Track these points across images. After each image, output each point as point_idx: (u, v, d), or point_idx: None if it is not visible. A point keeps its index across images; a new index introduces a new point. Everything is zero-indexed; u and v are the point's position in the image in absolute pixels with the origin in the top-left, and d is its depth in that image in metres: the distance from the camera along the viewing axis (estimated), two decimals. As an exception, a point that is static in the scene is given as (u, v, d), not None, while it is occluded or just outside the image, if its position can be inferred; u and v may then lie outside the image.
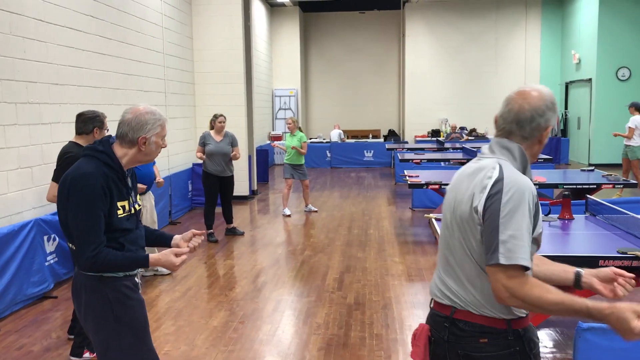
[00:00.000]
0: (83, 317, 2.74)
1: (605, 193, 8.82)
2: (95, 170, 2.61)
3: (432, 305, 2.17)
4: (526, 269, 1.84)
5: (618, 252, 3.82)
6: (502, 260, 1.82)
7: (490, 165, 1.98)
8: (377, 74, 20.95)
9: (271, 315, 5.17)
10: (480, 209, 1.91)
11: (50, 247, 5.94)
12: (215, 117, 8.15)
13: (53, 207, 6.11)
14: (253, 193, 12.21)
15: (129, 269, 2.68)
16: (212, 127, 8.19)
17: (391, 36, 20.80)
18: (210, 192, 8.15)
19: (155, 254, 2.68)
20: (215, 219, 8.33)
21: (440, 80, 19.60)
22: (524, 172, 1.99)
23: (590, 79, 16.66)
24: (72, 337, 4.58)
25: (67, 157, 4.45)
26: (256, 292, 5.82)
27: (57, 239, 6.03)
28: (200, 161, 8.34)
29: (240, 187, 10.96)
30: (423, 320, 4.85)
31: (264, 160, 14.06)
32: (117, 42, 7.95)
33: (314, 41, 21.00)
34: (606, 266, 3.79)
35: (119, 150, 2.72)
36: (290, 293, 5.80)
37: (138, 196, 2.87)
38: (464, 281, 2.00)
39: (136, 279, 2.86)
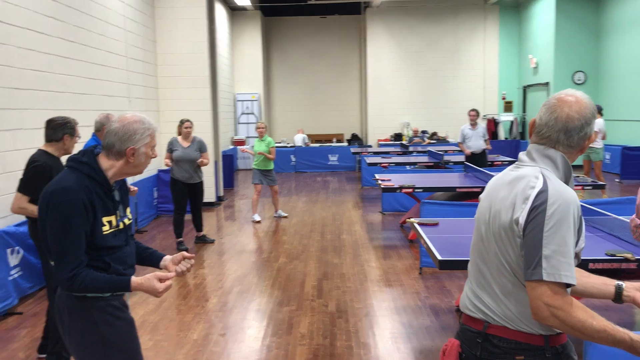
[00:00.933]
0: (68, 341, 2.55)
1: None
2: (76, 184, 2.42)
3: (462, 320, 2.06)
4: (569, 286, 1.76)
5: (607, 255, 3.84)
6: (545, 277, 1.73)
7: (532, 174, 1.88)
8: (339, 78, 20.96)
9: (253, 326, 5.01)
10: (521, 221, 1.81)
11: (14, 260, 5.63)
12: (182, 122, 7.93)
13: (16, 218, 5.80)
14: (219, 199, 11.98)
15: (110, 292, 2.49)
16: (179, 133, 7.96)
17: (352, 41, 20.85)
18: (178, 200, 7.91)
19: (137, 278, 2.50)
20: (184, 227, 8.10)
21: (401, 85, 19.74)
22: (566, 182, 1.91)
23: (547, 83, 17.07)
24: (44, 356, 4.33)
25: (33, 167, 4.20)
26: (234, 303, 5.65)
27: (21, 251, 5.72)
28: (167, 167, 8.10)
29: (207, 193, 10.66)
30: (408, 327, 4.74)
31: (229, 165, 13.83)
32: (79, 45, 7.65)
33: (276, 45, 20.86)
34: (596, 269, 3.81)
35: (105, 162, 2.53)
36: (270, 302, 5.65)
37: (128, 209, 2.69)
38: (499, 295, 1.91)
39: (124, 298, 2.68)
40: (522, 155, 2.01)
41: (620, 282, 2.03)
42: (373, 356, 4.35)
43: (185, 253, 2.73)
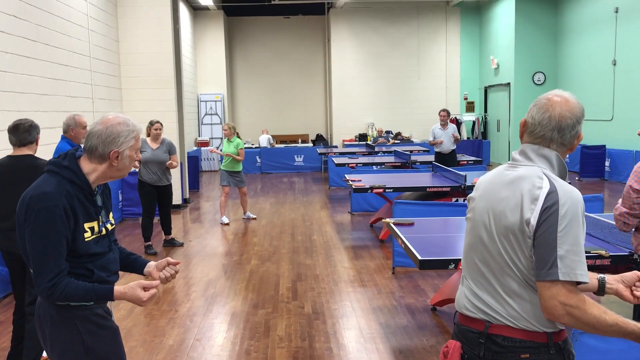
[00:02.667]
0: (50, 352, 2.45)
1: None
2: (57, 189, 2.31)
3: (457, 321, 2.06)
4: (579, 284, 1.80)
5: (581, 252, 3.92)
6: (562, 277, 1.75)
7: (534, 174, 1.90)
8: (304, 79, 20.95)
9: (229, 330, 4.95)
10: (533, 222, 1.82)
11: (-23, 268, 5.42)
12: (151, 123, 7.78)
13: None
14: (185, 201, 11.81)
15: (92, 301, 2.40)
16: (148, 134, 7.80)
17: (316, 41, 20.86)
18: (147, 202, 7.75)
19: (120, 287, 2.41)
20: (152, 230, 7.94)
21: (365, 85, 19.85)
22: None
23: (508, 84, 17.43)
24: (13, 366, 4.17)
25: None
26: (208, 306, 5.57)
27: (-16, 258, 5.51)
28: (134, 169, 7.92)
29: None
30: (385, 327, 4.76)
31: (194, 167, 13.65)
32: (42, 45, 7.43)
33: (239, 45, 20.70)
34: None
35: (86, 166, 2.43)
36: (244, 305, 5.59)
37: (111, 214, 2.60)
38: (502, 295, 1.92)
39: (108, 305, 2.60)
40: (516, 154, 2.02)
41: (602, 275, 2.08)
42: (353, 357, 4.35)
43: (169, 259, 2.65)
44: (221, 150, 9.73)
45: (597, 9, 14.58)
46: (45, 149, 7.06)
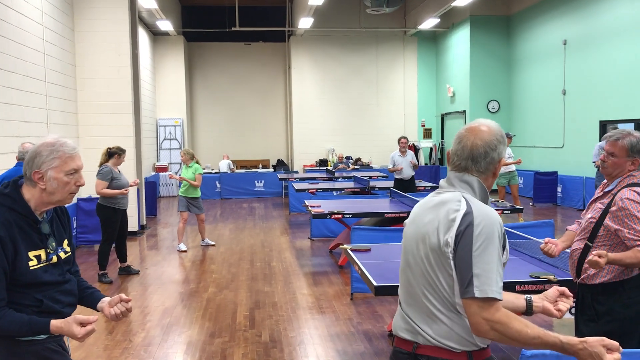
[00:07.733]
0: None
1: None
2: None
3: (394, 343, 2.14)
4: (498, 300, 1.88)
5: (531, 277, 4.03)
6: (477, 294, 1.84)
7: (454, 198, 2.01)
8: (264, 105, 21.02)
9: (184, 360, 4.86)
10: (451, 242, 1.92)
11: None
12: (123, 150, 7.76)
13: None
14: (142, 228, 11.61)
15: (27, 335, 2.33)
16: (107, 160, 7.66)
17: (277, 68, 21.02)
18: (115, 229, 7.64)
19: (57, 321, 2.33)
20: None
21: (326, 111, 20.04)
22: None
23: (464, 111, 17.87)
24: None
25: None
26: (164, 336, 5.47)
27: None
28: (98, 196, 7.83)
29: (129, 221, 10.35)
30: (342, 353, 4.80)
31: (152, 192, 13.46)
32: (-6, 69, 7.28)
33: (199, 71, 20.68)
34: (522, 291, 3.99)
35: (27, 192, 2.40)
36: (201, 334, 5.51)
37: (66, 242, 2.55)
38: (426, 316, 2.00)
39: (65, 340, 2.53)
40: (442, 182, 2.15)
41: (528, 296, 2.18)
42: (310, 385, 4.33)
43: (123, 295, 2.54)
44: (179, 176, 9.64)
45: (547, 41, 15.17)
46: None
